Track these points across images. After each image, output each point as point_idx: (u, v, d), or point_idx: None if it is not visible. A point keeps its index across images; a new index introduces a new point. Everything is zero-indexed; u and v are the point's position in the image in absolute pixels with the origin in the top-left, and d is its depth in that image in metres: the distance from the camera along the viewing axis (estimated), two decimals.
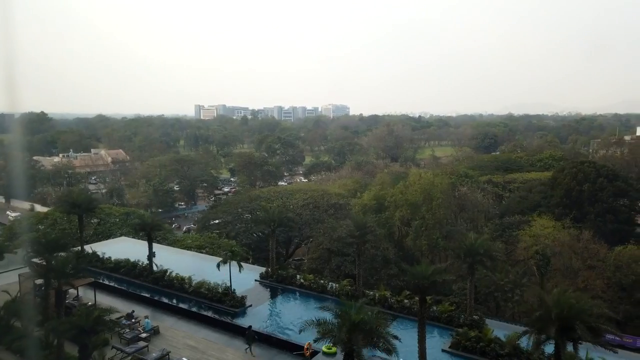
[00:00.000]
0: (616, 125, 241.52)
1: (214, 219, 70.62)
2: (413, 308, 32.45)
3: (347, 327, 21.35)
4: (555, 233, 51.05)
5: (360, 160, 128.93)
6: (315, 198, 70.11)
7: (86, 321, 23.75)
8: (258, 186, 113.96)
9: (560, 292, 22.50)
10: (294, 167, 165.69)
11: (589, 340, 20.37)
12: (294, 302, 37.49)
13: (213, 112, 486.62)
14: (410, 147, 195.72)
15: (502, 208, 71.25)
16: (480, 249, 31.43)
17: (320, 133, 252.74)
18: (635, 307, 43.69)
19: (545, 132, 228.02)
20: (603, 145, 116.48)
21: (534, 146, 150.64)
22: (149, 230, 41.41)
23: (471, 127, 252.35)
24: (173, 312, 35.32)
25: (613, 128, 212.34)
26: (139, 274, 40.88)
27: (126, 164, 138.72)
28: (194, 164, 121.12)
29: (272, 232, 41.25)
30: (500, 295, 43.75)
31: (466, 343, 27.89)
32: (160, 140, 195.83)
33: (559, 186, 64.65)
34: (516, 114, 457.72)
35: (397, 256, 54.57)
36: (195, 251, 52.74)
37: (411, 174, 70.54)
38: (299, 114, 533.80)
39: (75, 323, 23.87)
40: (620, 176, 65.87)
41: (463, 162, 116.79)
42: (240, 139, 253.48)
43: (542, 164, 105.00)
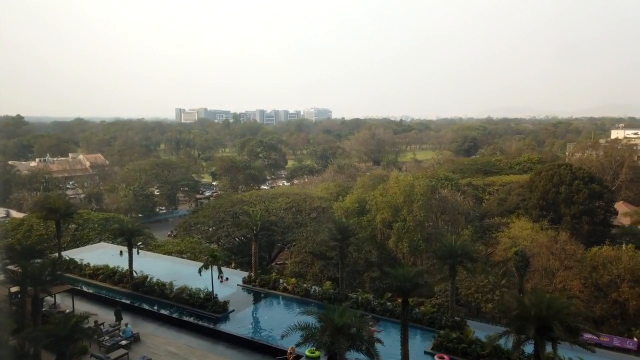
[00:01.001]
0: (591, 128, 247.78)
1: (196, 223, 69.94)
2: (396, 310, 32.67)
3: (330, 330, 21.36)
4: (533, 234, 51.97)
5: (343, 164, 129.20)
6: (298, 202, 70.02)
7: (63, 329, 23.24)
8: (240, 190, 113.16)
9: (538, 293, 22.92)
10: (276, 171, 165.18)
11: (567, 340, 20.77)
12: (277, 307, 37.34)
13: (194, 116, 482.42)
14: (392, 150, 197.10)
15: (482, 210, 72.27)
16: (461, 251, 31.84)
17: (302, 137, 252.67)
18: (611, 306, 44.68)
19: (523, 135, 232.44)
20: (579, 148, 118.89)
21: (513, 149, 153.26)
22: (129, 235, 40.78)
23: (451, 131, 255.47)
24: (154, 318, 34.83)
25: (588, 131, 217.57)
26: (119, 280, 40.23)
27: (105, 169, 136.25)
28: (175, 168, 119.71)
29: (254, 236, 41.04)
30: (480, 296, 44.36)
31: (448, 344, 28.19)
32: (140, 144, 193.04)
33: (537, 188, 65.87)
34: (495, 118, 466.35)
35: (379, 259, 54.85)
36: (177, 256, 52.12)
37: (391, 177, 71.06)
38: (281, 118, 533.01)
39: (52, 331, 23.33)
40: (596, 178, 67.40)
41: (444, 165, 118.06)
42: (222, 142, 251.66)
43: (521, 167, 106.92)
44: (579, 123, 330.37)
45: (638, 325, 43.69)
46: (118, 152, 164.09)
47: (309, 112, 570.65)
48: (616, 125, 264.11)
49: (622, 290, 44.04)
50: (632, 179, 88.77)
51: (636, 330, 43.36)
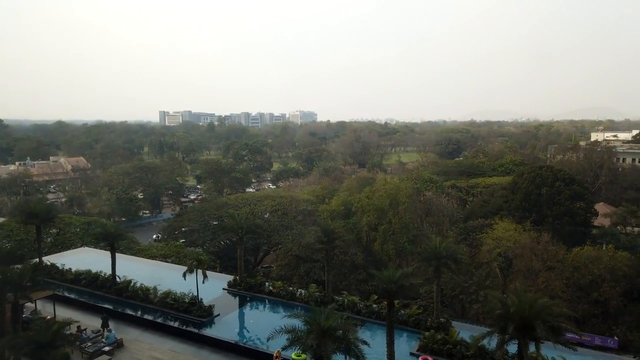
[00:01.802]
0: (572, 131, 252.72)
1: (180, 227, 69.29)
2: (381, 312, 32.78)
3: (316, 333, 21.34)
4: (516, 236, 52.66)
5: (328, 167, 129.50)
6: (284, 204, 69.87)
7: (44, 336, 22.82)
8: (225, 193, 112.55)
9: (521, 293, 23.23)
10: (261, 174, 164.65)
11: (550, 339, 21.07)
12: (262, 310, 37.17)
13: (178, 119, 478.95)
14: (377, 153, 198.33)
15: (466, 212, 73.04)
16: (446, 252, 32.12)
17: (288, 139, 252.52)
18: (592, 306, 45.47)
19: (505, 137, 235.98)
20: (560, 150, 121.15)
21: (496, 152, 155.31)
22: (112, 239, 40.20)
23: (435, 134, 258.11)
24: (138, 323, 34.36)
25: (569, 134, 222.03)
26: (102, 285, 39.59)
27: (87, 172, 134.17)
28: (158, 172, 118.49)
29: (240, 239, 40.83)
30: (465, 297, 44.77)
31: (433, 346, 28.37)
32: (123, 147, 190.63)
33: (519, 190, 66.82)
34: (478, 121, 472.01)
35: (365, 261, 54.99)
36: (161, 260, 51.55)
37: (377, 179, 71.42)
38: (266, 121, 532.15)
39: (33, 338, 22.90)
40: (577, 180, 68.65)
41: (428, 167, 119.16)
42: (207, 145, 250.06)
43: (503, 169, 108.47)
44: (560, 125, 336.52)
45: (619, 324, 44.54)
46: (100, 155, 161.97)
47: (294, 115, 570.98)
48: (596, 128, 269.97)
49: (602, 290, 44.88)
50: (611, 181, 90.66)
51: (617, 329, 44.22)
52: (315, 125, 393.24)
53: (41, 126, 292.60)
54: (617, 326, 44.45)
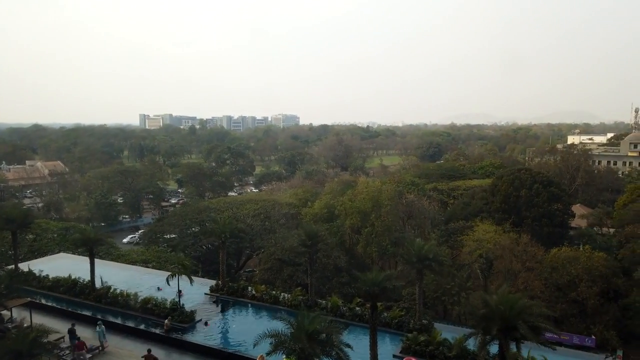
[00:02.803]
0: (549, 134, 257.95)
1: (161, 231, 68.45)
2: (364, 315, 32.87)
3: (301, 337, 21.29)
4: (496, 237, 53.47)
5: (311, 170, 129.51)
6: (266, 208, 69.64)
7: (21, 344, 22.21)
8: (207, 197, 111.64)
9: (502, 294, 23.57)
10: (244, 177, 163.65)
11: (531, 339, 21.41)
12: (245, 315, 36.92)
13: (159, 122, 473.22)
14: (359, 156, 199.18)
15: (447, 214, 73.83)
16: (428, 255, 32.39)
17: (270, 143, 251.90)
18: (570, 305, 46.43)
19: (485, 141, 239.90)
20: (538, 153, 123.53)
21: (476, 154, 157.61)
22: (91, 245, 39.46)
23: (417, 137, 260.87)
24: (118, 330, 33.75)
25: (546, 137, 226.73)
26: (80, 292, 38.80)
27: (65, 176, 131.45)
28: (139, 176, 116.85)
29: (222, 243, 40.50)
30: (447, 298, 45.26)
31: (416, 347, 28.58)
32: (102, 150, 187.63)
33: (499, 192, 67.89)
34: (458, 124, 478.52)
35: (348, 264, 55.11)
36: (141, 266, 50.81)
37: (360, 182, 71.72)
38: (248, 124, 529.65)
39: (9, 347, 22.25)
40: (554, 182, 70.05)
41: (410, 170, 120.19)
42: (188, 149, 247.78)
43: (483, 172, 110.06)
44: (538, 129, 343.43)
45: (596, 324, 45.58)
46: (79, 159, 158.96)
47: (277, 118, 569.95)
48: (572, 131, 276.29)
49: (580, 290, 45.87)
50: (587, 183, 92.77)
51: (594, 328, 45.23)
52: (298, 128, 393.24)
53: (17, 129, 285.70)
54: (595, 325, 45.48)
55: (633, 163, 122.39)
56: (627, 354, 45.74)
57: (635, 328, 46.01)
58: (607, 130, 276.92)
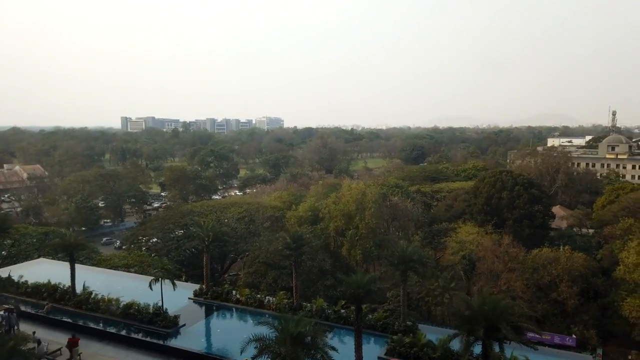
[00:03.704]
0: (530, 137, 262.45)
1: (144, 235, 67.58)
2: (349, 317, 32.92)
3: (286, 341, 21.22)
4: (479, 239, 54.15)
5: (296, 173, 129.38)
6: (251, 211, 69.31)
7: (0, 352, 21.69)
8: (191, 201, 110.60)
9: (485, 294, 23.87)
10: (228, 181, 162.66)
11: (513, 339, 21.70)
12: (229, 319, 36.65)
13: (141, 125, 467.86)
14: (343, 158, 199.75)
15: (431, 216, 74.51)
16: (412, 256, 32.62)
17: (254, 146, 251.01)
18: (551, 305, 47.21)
19: (467, 143, 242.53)
20: (519, 155, 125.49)
21: (458, 157, 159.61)
22: (72, 250, 38.73)
23: (400, 140, 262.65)
24: (100, 337, 33.18)
25: (527, 140, 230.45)
26: (60, 298, 38.03)
27: (44, 180, 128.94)
28: (120, 179, 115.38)
29: (206, 247, 40.16)
30: (431, 300, 45.59)
31: (401, 349, 28.71)
32: (83, 154, 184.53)
33: (481, 194, 68.78)
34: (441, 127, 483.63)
35: (333, 267, 55.12)
36: (123, 270, 50.08)
37: (344, 185, 71.92)
38: (232, 127, 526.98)
39: None
40: (535, 184, 71.27)
41: (394, 173, 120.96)
42: (171, 152, 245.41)
43: (466, 174, 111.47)
44: (519, 132, 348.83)
45: (576, 323, 46.41)
46: (58, 162, 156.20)
47: (261, 121, 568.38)
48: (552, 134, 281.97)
49: (560, 290, 46.68)
50: (567, 184, 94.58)
51: (575, 328, 46.05)
52: (282, 131, 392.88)
53: None
54: (575, 325, 46.31)
55: (611, 165, 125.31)
56: (607, 352, 46.71)
57: (614, 327, 47.01)
58: (585, 133, 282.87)
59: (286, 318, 22.68)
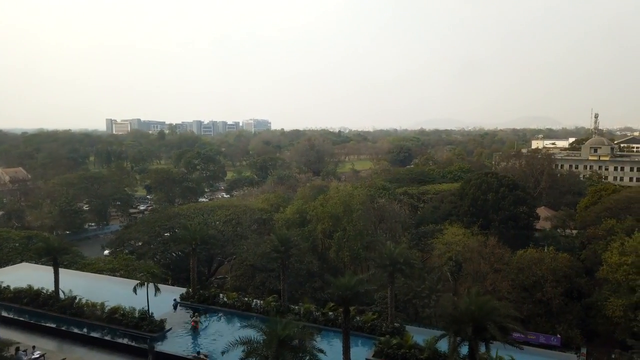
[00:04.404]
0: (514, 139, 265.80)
1: (129, 239, 66.82)
2: (337, 320, 32.92)
3: (273, 344, 21.14)
4: (465, 240, 54.58)
5: (283, 175, 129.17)
6: (238, 214, 68.98)
7: None
8: (177, 203, 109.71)
9: (471, 295, 24.06)
10: (215, 183, 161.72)
11: (499, 339, 21.92)
12: (217, 322, 36.38)
13: (127, 127, 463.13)
14: (331, 161, 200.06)
15: (418, 218, 74.95)
16: (400, 258, 32.77)
17: (241, 148, 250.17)
18: (536, 305, 47.76)
19: (453, 145, 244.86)
20: (504, 157, 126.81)
21: (444, 159, 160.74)
22: (55, 254, 38.14)
23: (387, 142, 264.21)
24: (84, 342, 32.71)
25: (512, 142, 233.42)
26: (44, 303, 37.40)
27: (27, 183, 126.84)
28: (105, 182, 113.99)
29: (192, 250, 39.87)
30: (418, 301, 45.81)
31: (388, 351, 28.78)
32: (66, 156, 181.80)
33: (467, 196, 69.39)
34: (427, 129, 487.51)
35: (320, 269, 55.14)
36: (108, 275, 49.44)
37: (331, 187, 72.04)
38: (219, 129, 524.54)
39: None
40: (520, 186, 72.11)
41: (381, 175, 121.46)
42: (157, 154, 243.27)
43: (452, 176, 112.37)
44: (503, 134, 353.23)
45: (561, 323, 47.03)
46: (42, 165, 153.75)
47: (248, 123, 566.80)
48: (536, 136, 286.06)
49: (545, 290, 47.27)
50: (551, 186, 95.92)
51: (559, 327, 46.66)
52: (270, 133, 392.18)
53: None
54: (560, 324, 46.93)
55: (593, 167, 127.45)
56: (591, 351, 47.40)
57: (598, 326, 47.72)
58: (568, 135, 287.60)
59: (274, 321, 22.60)
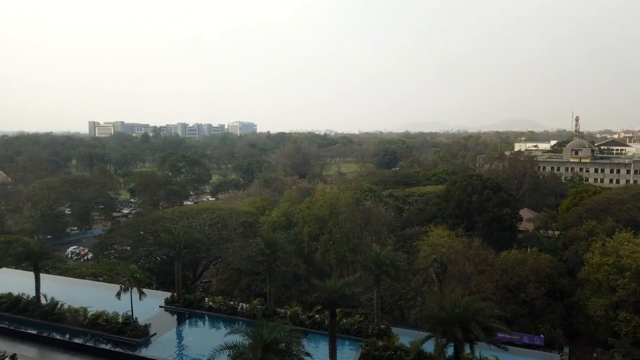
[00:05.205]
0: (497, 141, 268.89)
1: (112, 243, 65.87)
2: (324, 322, 32.90)
3: (259, 348, 21.03)
4: (450, 242, 55.01)
5: (269, 178, 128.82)
6: (224, 217, 68.50)
7: None
8: (161, 207, 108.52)
9: (456, 297, 24.28)
10: (200, 186, 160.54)
11: (484, 340, 22.14)
12: (202, 327, 36.12)
13: (110, 130, 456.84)
14: (317, 163, 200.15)
15: (403, 220, 75.32)
16: (385, 260, 32.93)
17: (227, 151, 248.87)
18: (520, 306, 48.35)
19: (438, 148, 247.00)
20: (487, 160, 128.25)
21: (429, 161, 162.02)
22: (36, 259, 37.44)
23: (373, 145, 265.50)
24: (66, 348, 32.17)
25: (495, 144, 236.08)
26: (24, 309, 36.67)
27: (7, 187, 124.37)
28: (88, 185, 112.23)
29: (177, 254, 39.52)
30: (404, 303, 46.04)
31: (375, 353, 28.86)
32: (48, 160, 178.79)
33: (452, 198, 69.98)
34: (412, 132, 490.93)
35: (307, 272, 55.04)
36: (91, 279, 48.66)
37: (317, 190, 72.00)
38: (204, 132, 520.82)
39: None
40: (503, 187, 72.92)
41: (367, 177, 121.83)
42: (141, 157, 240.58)
43: (437, 178, 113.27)
44: (487, 137, 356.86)
45: (544, 322, 47.69)
46: (22, 168, 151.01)
47: (234, 126, 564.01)
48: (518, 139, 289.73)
49: (529, 291, 47.89)
50: (534, 188, 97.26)
51: (542, 327, 47.31)
52: (256, 136, 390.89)
53: None
54: (543, 324, 47.59)
55: (575, 168, 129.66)
56: (573, 351, 48.13)
57: (580, 326, 48.49)
58: (550, 138, 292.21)
59: (260, 324, 22.49)
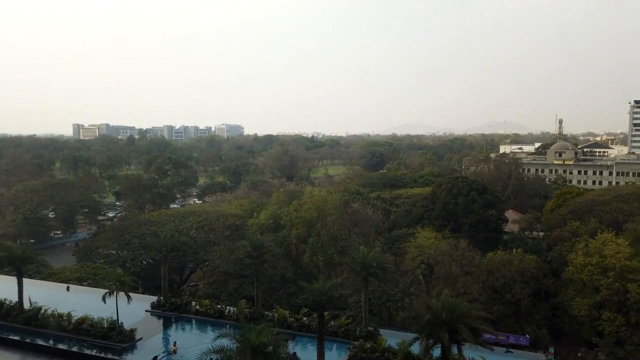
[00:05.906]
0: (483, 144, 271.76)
1: (97, 247, 65.04)
2: (312, 325, 32.89)
3: (247, 351, 20.95)
4: (436, 243, 55.42)
5: (256, 180, 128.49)
6: (211, 220, 68.12)
7: None
8: (148, 210, 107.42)
9: (443, 298, 24.46)
10: (187, 189, 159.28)
11: (471, 341, 22.33)
12: (189, 331, 35.83)
13: (95, 132, 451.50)
14: (304, 166, 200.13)
15: (390, 222, 75.65)
16: (373, 262, 33.05)
17: (214, 153, 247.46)
18: (506, 306, 48.87)
19: (425, 150, 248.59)
20: (473, 162, 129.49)
21: (416, 164, 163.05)
22: (19, 263, 36.78)
23: (360, 147, 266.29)
24: (49, 354, 31.66)
25: (480, 147, 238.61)
26: (6, 315, 36.01)
27: None
28: (72, 188, 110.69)
29: (163, 257, 39.18)
30: (391, 304, 46.21)
31: (362, 355, 28.92)
32: (31, 162, 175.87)
33: (438, 200, 70.50)
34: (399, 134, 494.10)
35: (295, 274, 54.96)
36: (75, 284, 47.95)
37: (305, 192, 71.97)
38: (191, 134, 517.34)
39: None
40: (489, 189, 73.66)
41: (354, 179, 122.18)
42: (127, 160, 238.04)
43: (424, 180, 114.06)
44: (473, 139, 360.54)
45: (529, 323, 48.27)
46: (4, 171, 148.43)
47: (221, 128, 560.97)
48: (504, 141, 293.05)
49: (514, 292, 48.44)
50: (518, 189, 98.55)
51: (528, 327, 47.87)
52: (243, 138, 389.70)
53: None
54: (528, 324, 48.16)
55: (558, 170, 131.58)
56: (558, 350, 48.78)
57: (565, 326, 49.17)
58: (534, 140, 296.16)
59: (247, 328, 22.42)
